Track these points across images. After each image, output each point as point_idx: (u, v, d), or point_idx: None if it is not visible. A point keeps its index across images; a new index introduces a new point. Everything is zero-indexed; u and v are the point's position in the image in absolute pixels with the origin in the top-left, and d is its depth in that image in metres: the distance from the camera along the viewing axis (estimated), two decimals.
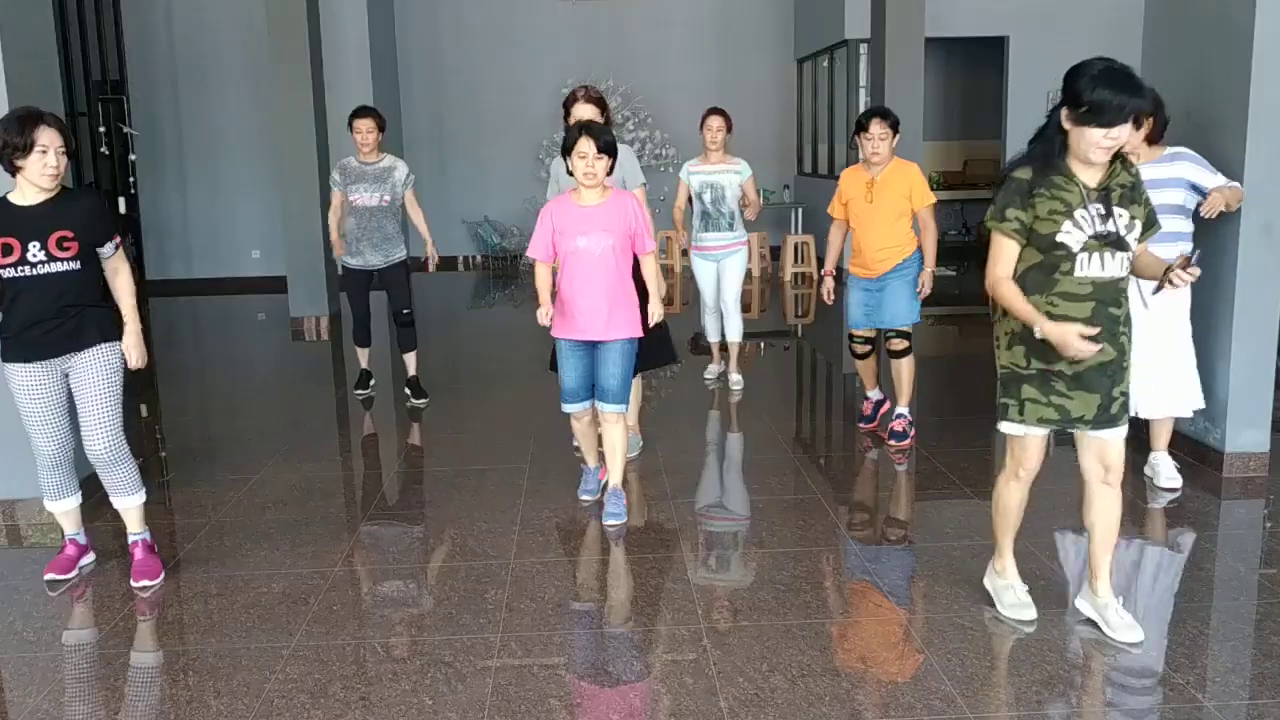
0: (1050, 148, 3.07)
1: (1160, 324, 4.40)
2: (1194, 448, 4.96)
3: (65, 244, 3.61)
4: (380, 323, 7.53)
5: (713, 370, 6.96)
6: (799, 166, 13.61)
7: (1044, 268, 3.10)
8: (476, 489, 5.04)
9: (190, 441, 5.93)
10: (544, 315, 4.23)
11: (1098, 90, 2.91)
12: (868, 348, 5.59)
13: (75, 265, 3.65)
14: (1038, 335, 3.06)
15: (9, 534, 4.50)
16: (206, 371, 8.36)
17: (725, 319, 6.74)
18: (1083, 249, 3.03)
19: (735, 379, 6.75)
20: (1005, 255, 3.14)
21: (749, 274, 6.59)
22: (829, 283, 5.55)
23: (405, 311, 6.52)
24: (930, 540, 4.24)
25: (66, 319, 3.68)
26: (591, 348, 4.37)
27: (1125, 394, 3.20)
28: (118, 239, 3.87)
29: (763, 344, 8.48)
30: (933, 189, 5.49)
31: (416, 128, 13.33)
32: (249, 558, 4.15)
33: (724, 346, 6.88)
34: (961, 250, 13.37)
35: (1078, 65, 3.00)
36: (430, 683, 3.12)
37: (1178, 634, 3.33)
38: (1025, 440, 3.29)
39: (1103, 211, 3.02)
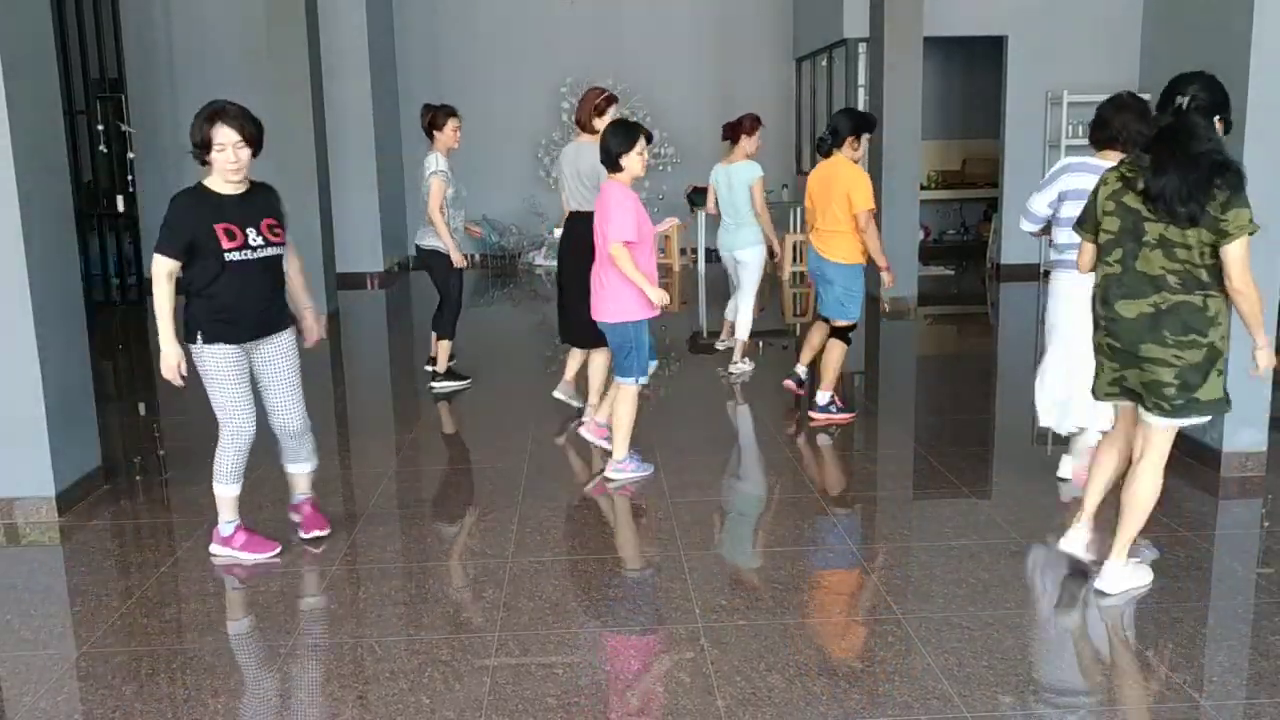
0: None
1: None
2: (1191, 447, 4.96)
3: (275, 230, 3.94)
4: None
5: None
6: (798, 166, 13.60)
7: None
8: (476, 487, 5.05)
9: (189, 440, 5.92)
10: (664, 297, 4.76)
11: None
12: None
13: (282, 250, 3.98)
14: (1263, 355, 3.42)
15: (7, 533, 4.50)
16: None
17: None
18: None
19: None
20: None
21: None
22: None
23: None
24: (928, 540, 4.24)
25: (276, 301, 4.00)
26: None
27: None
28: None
29: (761, 343, 8.48)
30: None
31: (415, 127, 13.26)
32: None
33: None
34: (960, 249, 13.37)
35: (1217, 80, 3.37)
36: (428, 681, 3.12)
37: (1175, 633, 3.33)
38: None
39: None
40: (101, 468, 4.99)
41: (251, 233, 3.84)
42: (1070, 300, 4.29)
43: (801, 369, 6.28)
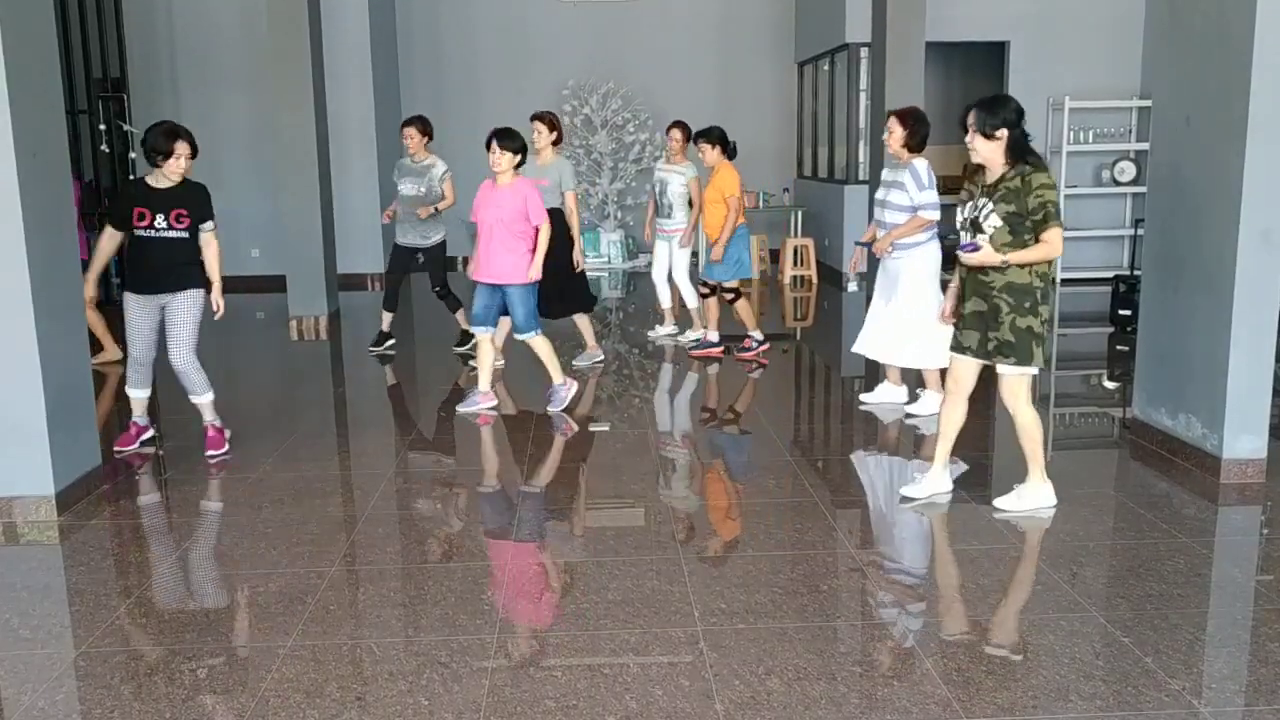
0: None
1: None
2: (1191, 453, 4.96)
3: (181, 219, 5.17)
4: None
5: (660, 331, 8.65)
6: (799, 169, 13.62)
7: None
8: (473, 489, 5.04)
9: (189, 440, 5.92)
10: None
11: None
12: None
13: (184, 234, 5.20)
14: None
15: (6, 532, 4.50)
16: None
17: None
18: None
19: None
20: None
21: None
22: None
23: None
24: (927, 543, 4.24)
25: (174, 270, 5.20)
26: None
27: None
28: (213, 221, 5.34)
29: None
30: None
31: None
32: (246, 557, 4.15)
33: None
34: None
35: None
36: (426, 683, 3.12)
37: (1174, 640, 3.33)
38: None
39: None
40: (101, 467, 4.99)
41: (160, 217, 5.11)
42: (917, 275, 6.14)
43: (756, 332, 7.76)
